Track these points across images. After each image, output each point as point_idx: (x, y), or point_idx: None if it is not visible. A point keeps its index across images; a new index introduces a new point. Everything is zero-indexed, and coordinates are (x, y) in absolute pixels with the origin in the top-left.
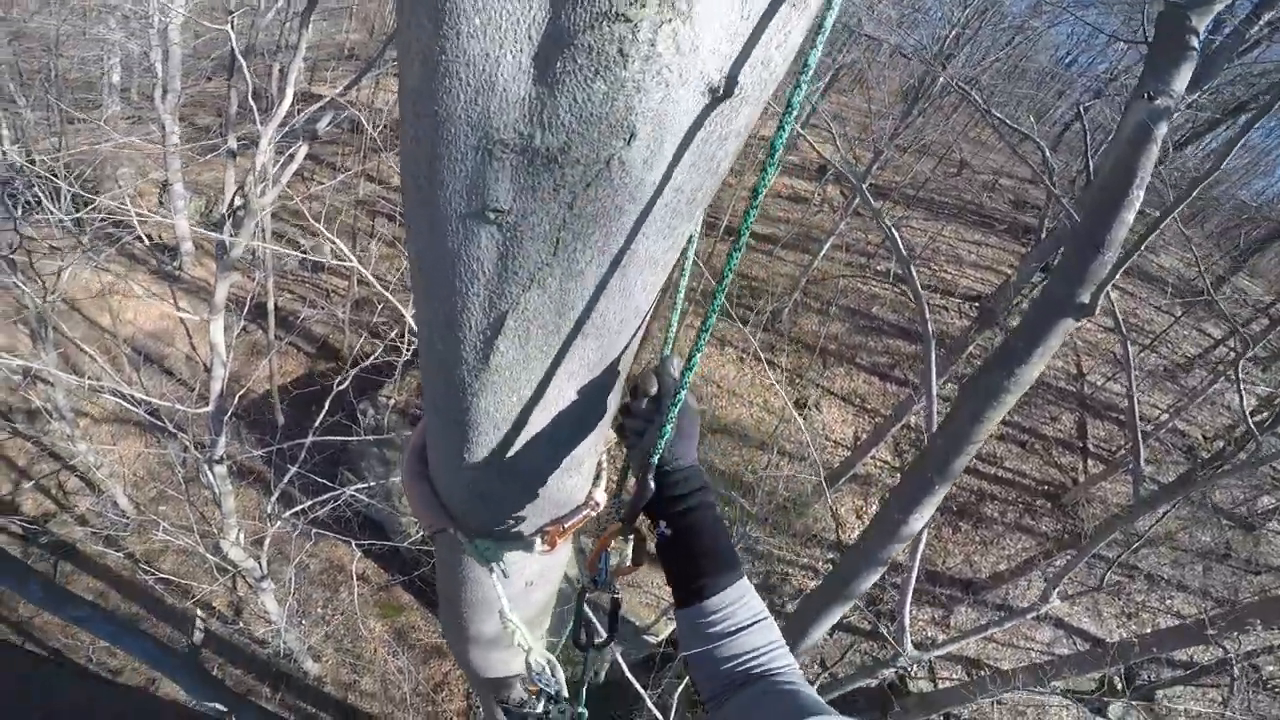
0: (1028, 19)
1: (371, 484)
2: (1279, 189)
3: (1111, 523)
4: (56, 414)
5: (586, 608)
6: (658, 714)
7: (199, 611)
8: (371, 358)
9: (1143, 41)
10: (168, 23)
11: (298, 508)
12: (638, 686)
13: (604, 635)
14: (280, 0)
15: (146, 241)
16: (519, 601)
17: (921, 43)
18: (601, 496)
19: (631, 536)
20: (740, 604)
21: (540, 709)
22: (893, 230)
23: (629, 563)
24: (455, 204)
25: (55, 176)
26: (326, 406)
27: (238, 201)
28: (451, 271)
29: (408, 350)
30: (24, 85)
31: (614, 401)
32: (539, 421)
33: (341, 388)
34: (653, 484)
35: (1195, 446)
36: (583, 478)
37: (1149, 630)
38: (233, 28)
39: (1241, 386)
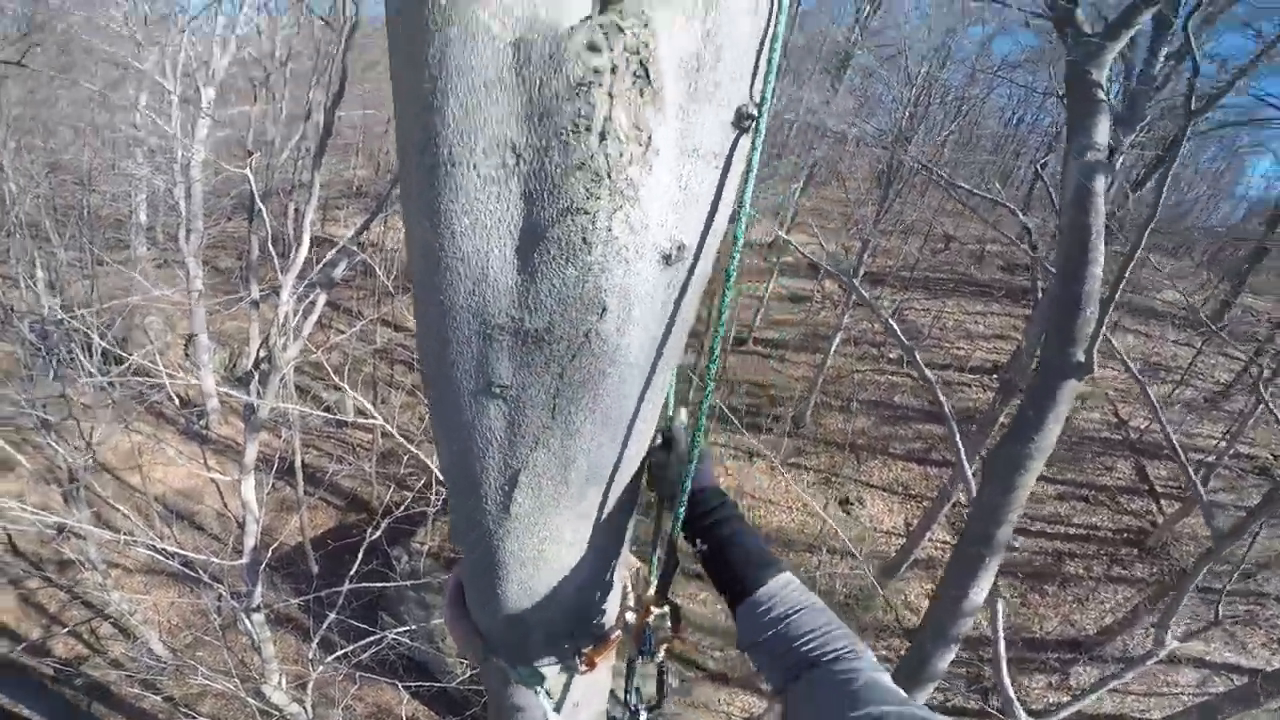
0: (966, 88)
1: (413, 627)
2: (1241, 208)
3: (1204, 557)
4: (89, 565)
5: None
6: None
7: None
8: (401, 508)
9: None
10: (190, 157)
11: (339, 652)
12: None
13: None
14: (294, 138)
15: (176, 402)
16: None
17: (880, 128)
18: (631, 616)
19: (667, 607)
20: (786, 591)
21: None
22: (890, 320)
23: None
24: (466, 382)
25: (88, 330)
26: (360, 556)
27: (261, 356)
28: (469, 439)
29: (435, 498)
30: (58, 223)
31: (629, 531)
32: (561, 557)
33: (373, 538)
34: (681, 513)
35: (1269, 466)
36: (611, 601)
37: None
38: (251, 170)
39: (1272, 404)
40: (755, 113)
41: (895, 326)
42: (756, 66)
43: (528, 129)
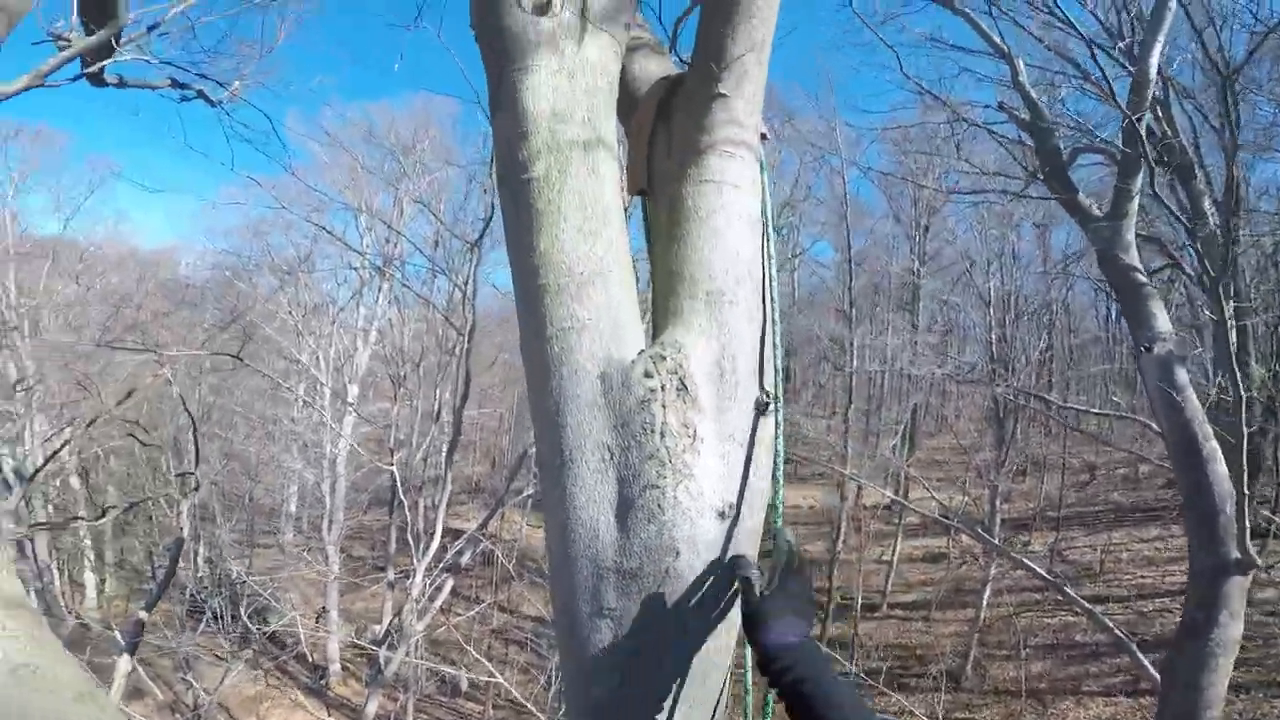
0: (1045, 295)
1: None
2: None
3: None
4: None
5: None
6: None
7: None
8: None
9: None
10: (337, 453)
11: None
12: None
13: None
14: (427, 437)
15: (309, 658)
16: None
17: (971, 362)
18: None
19: None
20: None
21: None
22: (1025, 560)
23: None
24: (585, 609)
25: (237, 600)
26: None
27: (393, 627)
28: (586, 650)
29: None
30: (226, 508)
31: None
32: None
33: None
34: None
35: None
36: None
37: None
38: (395, 467)
39: None
40: (769, 399)
41: (1034, 566)
42: (763, 362)
43: (615, 434)
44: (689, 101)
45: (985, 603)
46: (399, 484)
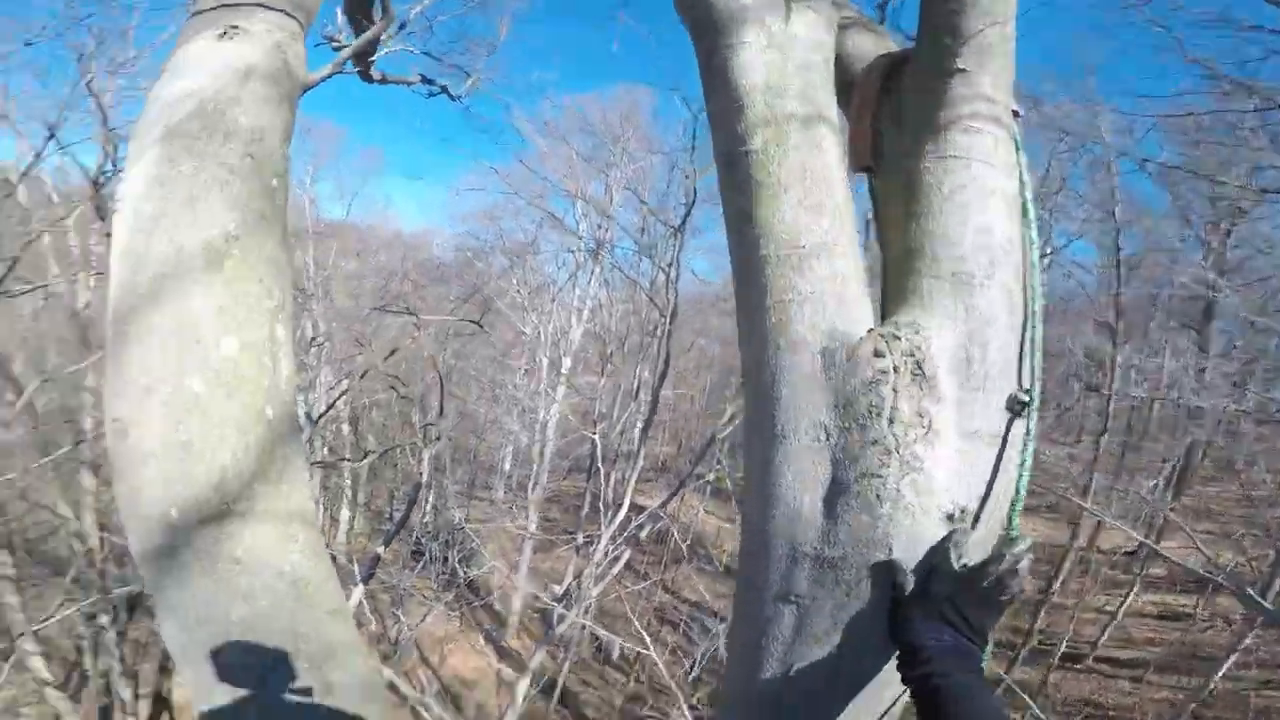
0: None
1: None
2: None
3: None
4: None
5: None
6: None
7: None
8: None
9: None
10: (548, 419)
11: None
12: None
13: None
14: (626, 413)
15: (495, 607)
16: None
17: None
18: None
19: None
20: None
21: None
22: None
23: None
24: (770, 590)
25: (450, 545)
26: None
27: (573, 586)
28: (763, 632)
29: None
30: (454, 461)
31: None
32: None
33: None
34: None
35: None
36: None
37: None
38: (598, 436)
39: None
40: (1026, 399)
41: None
42: (1022, 357)
43: (835, 414)
44: (921, 77)
45: (1222, 673)
46: (598, 452)
